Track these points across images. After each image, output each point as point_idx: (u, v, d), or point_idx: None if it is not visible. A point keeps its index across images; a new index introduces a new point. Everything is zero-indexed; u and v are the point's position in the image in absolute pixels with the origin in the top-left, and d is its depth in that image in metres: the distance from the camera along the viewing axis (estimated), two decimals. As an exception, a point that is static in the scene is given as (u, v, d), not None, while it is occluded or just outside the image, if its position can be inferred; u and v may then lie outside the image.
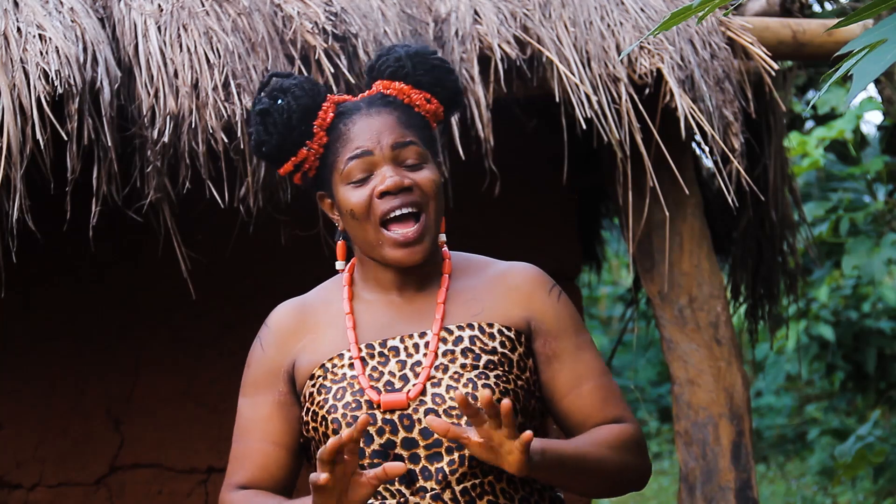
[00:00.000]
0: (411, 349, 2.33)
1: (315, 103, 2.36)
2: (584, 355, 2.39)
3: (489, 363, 2.30)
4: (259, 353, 2.46)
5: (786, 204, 4.95)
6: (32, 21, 3.73)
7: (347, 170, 2.33)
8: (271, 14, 3.97)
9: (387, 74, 2.39)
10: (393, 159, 2.32)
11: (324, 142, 2.36)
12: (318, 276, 3.09)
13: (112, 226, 3.89)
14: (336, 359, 2.35)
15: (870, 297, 8.63)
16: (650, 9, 4.28)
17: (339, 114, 2.37)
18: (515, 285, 2.39)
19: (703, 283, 4.47)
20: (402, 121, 2.34)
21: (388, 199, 2.31)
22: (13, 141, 3.56)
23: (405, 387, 2.30)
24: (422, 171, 2.34)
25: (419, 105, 2.38)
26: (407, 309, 2.37)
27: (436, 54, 2.41)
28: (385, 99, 2.37)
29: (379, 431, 2.28)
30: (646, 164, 4.19)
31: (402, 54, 2.38)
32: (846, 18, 1.73)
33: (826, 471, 9.43)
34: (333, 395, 2.32)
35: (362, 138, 2.33)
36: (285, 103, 2.35)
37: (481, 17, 4.17)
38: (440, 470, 2.27)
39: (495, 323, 2.35)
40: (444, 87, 2.39)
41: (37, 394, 4.76)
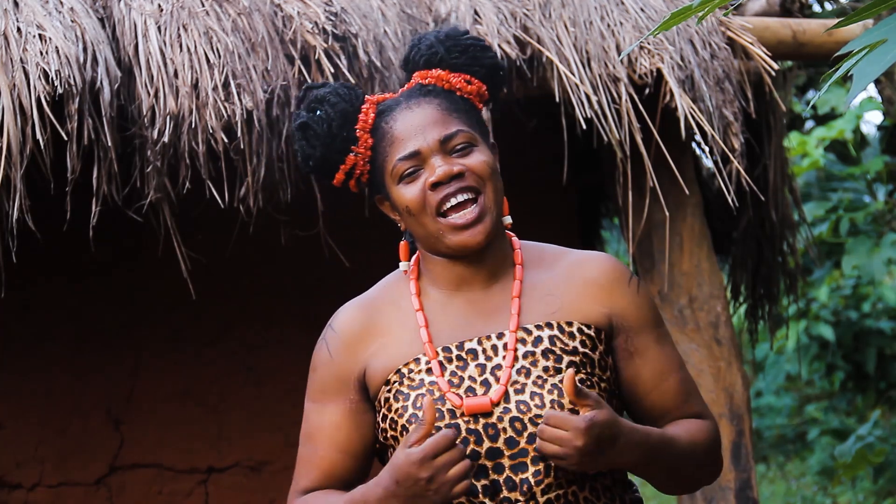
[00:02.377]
0: (490, 351, 2.26)
1: (353, 107, 2.31)
2: (665, 349, 2.34)
3: (570, 365, 2.24)
4: (326, 358, 2.36)
5: (786, 204, 4.95)
6: (32, 21, 3.73)
7: (397, 169, 2.28)
8: (271, 14, 3.97)
9: (422, 64, 2.34)
10: (441, 150, 2.27)
11: (369, 144, 2.31)
12: (318, 277, 3.12)
13: (112, 226, 3.89)
14: (412, 363, 2.28)
15: (870, 297, 8.64)
16: (650, 9, 4.28)
17: (379, 113, 2.32)
18: (594, 278, 2.32)
19: (703, 283, 4.47)
20: (444, 108, 2.29)
21: (440, 189, 2.25)
22: (13, 141, 3.56)
23: (488, 392, 2.23)
24: (472, 154, 2.27)
25: (460, 88, 2.33)
26: (481, 306, 2.31)
27: (468, 34, 2.36)
28: (424, 89, 2.32)
29: (463, 442, 2.21)
30: (646, 164, 4.19)
31: (433, 40, 2.34)
32: (846, 18, 1.73)
33: (826, 471, 9.43)
34: (413, 404, 2.25)
35: (407, 136, 2.27)
36: (323, 113, 2.30)
37: (481, 17, 4.17)
38: (525, 481, 2.21)
39: (574, 321, 2.28)
40: (481, 66, 2.34)
41: (37, 394, 4.76)
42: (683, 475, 2.34)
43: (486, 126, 2.37)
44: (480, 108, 2.36)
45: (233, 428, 4.94)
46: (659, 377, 2.32)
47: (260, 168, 3.83)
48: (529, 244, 2.39)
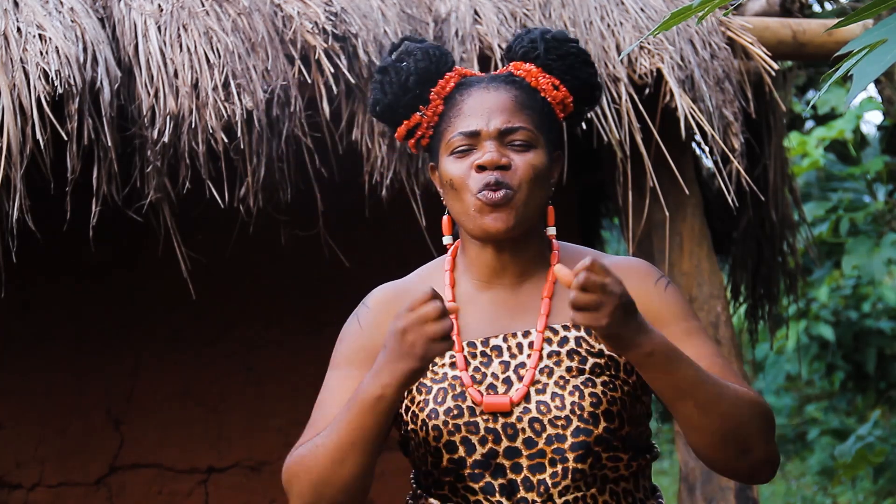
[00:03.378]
0: (514, 349, 2.26)
1: (437, 70, 2.32)
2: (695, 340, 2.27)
3: (595, 367, 2.23)
4: (356, 328, 2.35)
5: (786, 204, 4.95)
6: (32, 21, 3.73)
7: (453, 142, 2.28)
8: (271, 14, 3.97)
9: (520, 55, 2.34)
10: (498, 138, 2.27)
11: (439, 110, 2.32)
12: (319, 276, 3.11)
13: (112, 226, 3.89)
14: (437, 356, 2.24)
15: (870, 297, 8.64)
16: (650, 9, 4.28)
17: (459, 85, 2.32)
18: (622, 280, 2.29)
19: (703, 283, 4.47)
20: (518, 101, 2.29)
21: (484, 173, 2.24)
22: (13, 141, 3.56)
23: (509, 390, 2.22)
24: (527, 153, 2.27)
25: (545, 89, 2.32)
26: (511, 303, 2.31)
27: (575, 43, 2.35)
28: (510, 77, 2.32)
29: (482, 441, 2.21)
30: (646, 164, 4.19)
31: (537, 36, 2.34)
32: (846, 18, 1.73)
33: (826, 471, 9.43)
34: (434, 399, 2.25)
35: (473, 114, 2.28)
36: (406, 66, 2.31)
37: (481, 17, 4.17)
38: (542, 482, 2.20)
39: None
40: (575, 77, 2.33)
41: (37, 393, 4.76)
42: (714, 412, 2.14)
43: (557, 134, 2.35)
44: (560, 116, 2.35)
45: (233, 428, 4.94)
46: None
47: (260, 168, 3.83)
48: (569, 247, 2.40)
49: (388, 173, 3.98)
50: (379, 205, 4.08)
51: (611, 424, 2.21)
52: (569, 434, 2.19)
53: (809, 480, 9.71)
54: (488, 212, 2.25)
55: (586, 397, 2.20)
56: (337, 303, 4.92)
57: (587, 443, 2.19)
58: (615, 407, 2.21)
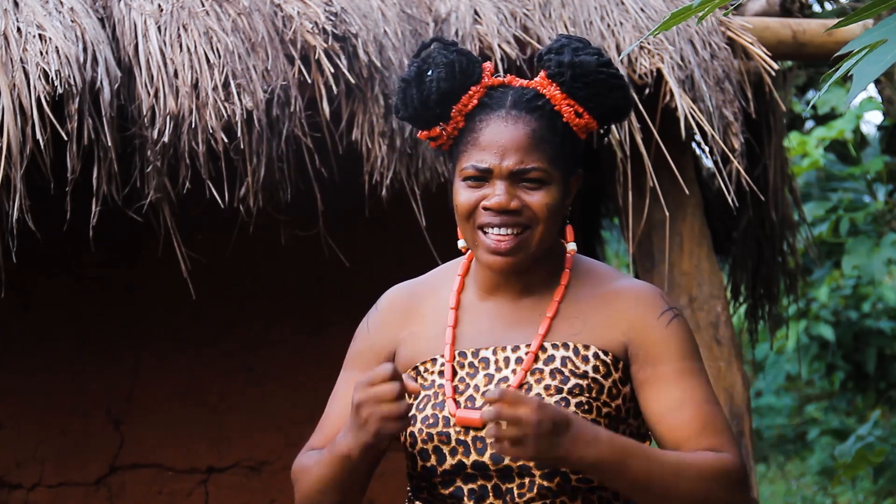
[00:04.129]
0: (501, 363, 2.26)
1: (462, 87, 2.28)
2: (686, 382, 2.24)
3: (575, 387, 2.22)
4: (365, 331, 2.39)
5: (786, 204, 4.95)
6: (32, 21, 3.73)
7: (466, 171, 2.26)
8: (271, 14, 3.97)
9: (548, 73, 2.30)
10: (510, 178, 2.24)
11: (460, 126, 2.29)
12: (319, 276, 3.11)
13: (112, 226, 3.89)
14: (429, 363, 2.29)
15: (870, 297, 8.64)
16: (650, 9, 4.28)
17: (482, 104, 2.28)
18: (623, 308, 2.29)
19: (703, 283, 4.47)
20: (536, 136, 2.25)
21: (490, 213, 2.24)
22: (13, 141, 3.56)
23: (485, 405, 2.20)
24: (539, 192, 2.25)
25: (567, 117, 2.29)
26: (511, 316, 2.31)
27: (604, 67, 2.30)
28: (533, 102, 2.27)
29: (452, 452, 2.22)
30: (646, 164, 4.20)
31: (567, 60, 2.29)
32: (846, 18, 1.73)
33: (826, 471, 9.43)
34: (417, 406, 2.27)
35: (488, 148, 2.25)
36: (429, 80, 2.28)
37: (481, 17, 4.17)
38: (510, 491, 2.21)
39: (592, 345, 2.26)
40: (599, 104, 2.30)
41: (37, 393, 4.76)
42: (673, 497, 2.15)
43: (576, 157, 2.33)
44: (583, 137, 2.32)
45: (233, 428, 4.93)
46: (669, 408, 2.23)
47: (260, 168, 3.83)
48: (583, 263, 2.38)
49: (388, 173, 3.98)
50: (379, 205, 4.08)
51: None
52: None
53: (809, 480, 9.71)
54: (492, 253, 2.25)
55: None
56: (337, 303, 4.93)
57: None
58: None
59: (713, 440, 2.22)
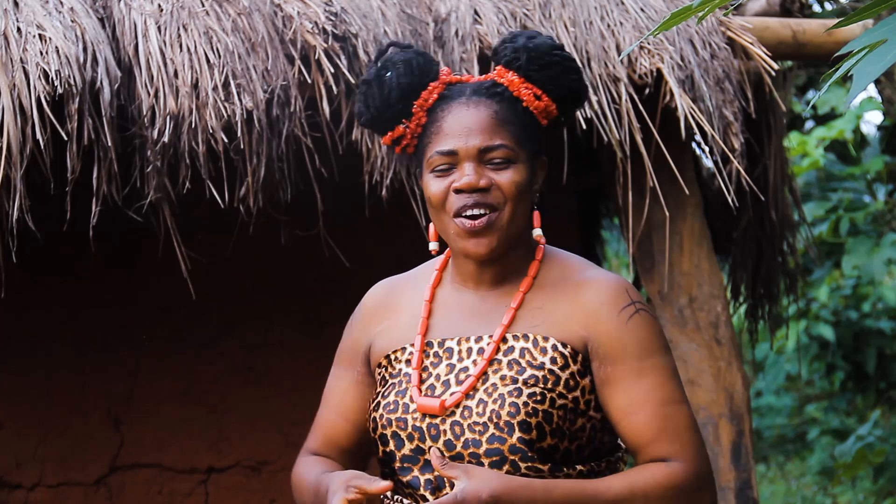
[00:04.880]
0: (464, 353, 2.30)
1: (421, 83, 2.32)
2: (645, 382, 2.25)
3: (530, 378, 2.24)
4: (348, 329, 2.47)
5: (786, 204, 4.95)
6: (32, 21, 3.73)
7: (432, 160, 2.30)
8: (271, 14, 3.97)
9: (503, 62, 2.35)
10: (477, 157, 2.28)
11: (422, 122, 2.33)
12: (319, 276, 3.10)
13: (112, 226, 3.89)
14: (399, 351, 2.35)
15: (870, 297, 8.64)
16: (650, 9, 4.28)
17: (442, 96, 2.33)
18: (585, 301, 2.30)
19: (703, 283, 4.47)
20: (498, 117, 2.29)
21: (462, 196, 2.27)
22: (13, 141, 3.56)
23: (445, 392, 2.27)
24: (506, 171, 2.28)
25: (527, 100, 2.32)
26: (479, 307, 2.34)
27: (559, 50, 2.34)
28: (492, 89, 2.32)
29: (409, 437, 2.28)
30: (646, 164, 4.20)
31: (520, 45, 2.34)
32: (846, 18, 1.73)
33: (826, 471, 9.43)
34: (383, 393, 2.33)
35: (452, 133, 2.29)
36: (389, 79, 2.32)
37: (481, 17, 4.17)
38: None
39: (551, 337, 2.28)
40: (557, 86, 2.33)
41: (37, 394, 4.76)
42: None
43: (540, 141, 2.36)
44: (544, 123, 2.35)
45: (233, 428, 4.93)
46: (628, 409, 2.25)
47: (260, 168, 3.83)
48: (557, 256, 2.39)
49: (388, 173, 3.98)
50: (379, 205, 4.08)
51: (525, 435, 2.21)
52: (484, 440, 2.23)
53: (809, 480, 9.71)
54: (468, 237, 2.28)
55: (506, 406, 2.23)
56: (337, 303, 4.93)
57: (500, 450, 2.22)
58: (534, 419, 2.22)
59: (668, 446, 2.23)
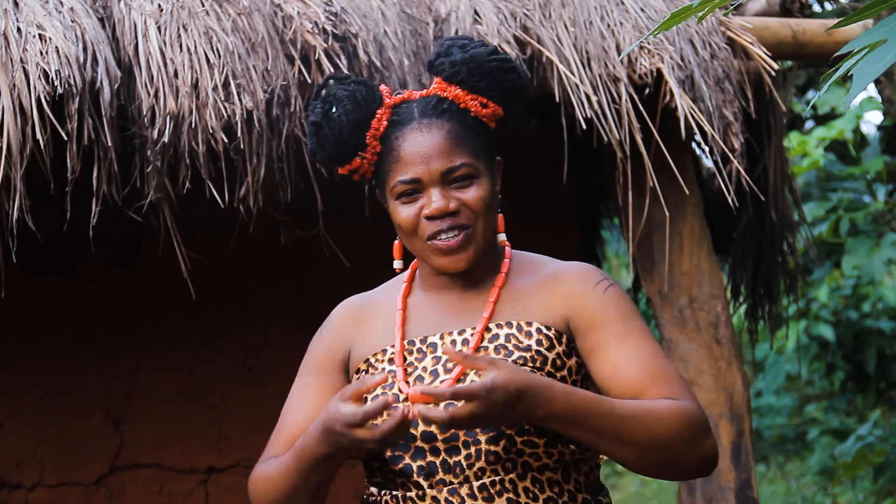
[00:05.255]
0: (448, 346, 2.33)
1: (368, 113, 2.36)
2: (631, 340, 2.31)
3: (519, 359, 2.30)
4: (319, 338, 2.52)
5: (786, 204, 4.95)
6: (32, 21, 3.73)
7: (397, 188, 2.35)
8: (271, 14, 3.97)
9: (444, 77, 2.38)
10: (441, 181, 2.33)
11: (377, 150, 2.37)
12: (319, 276, 3.10)
13: (112, 226, 3.89)
14: (379, 354, 2.40)
15: (870, 297, 8.64)
16: (650, 9, 4.28)
17: (392, 123, 2.36)
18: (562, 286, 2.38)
19: (703, 283, 4.47)
20: (453, 136, 2.34)
21: (434, 222, 2.33)
22: (13, 141, 3.56)
23: (433, 382, 2.32)
24: (471, 188, 2.34)
25: (475, 110, 2.37)
26: (457, 307, 2.41)
27: (494, 55, 2.38)
28: (439, 107, 2.36)
29: None
30: (646, 164, 4.19)
31: (458, 59, 2.37)
32: (846, 18, 1.73)
33: (826, 471, 9.43)
34: None
35: (411, 161, 2.33)
36: (337, 115, 2.35)
37: (481, 17, 4.17)
38: (458, 463, 2.28)
39: (534, 322, 2.34)
40: (500, 90, 2.37)
41: (37, 394, 4.76)
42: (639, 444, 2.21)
43: (493, 145, 2.41)
44: (493, 126, 2.40)
45: (233, 428, 4.94)
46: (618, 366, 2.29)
47: (260, 168, 3.83)
48: (520, 255, 2.47)
49: (388, 173, 3.97)
50: (379, 205, 4.07)
51: None
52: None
53: (809, 480, 9.71)
54: (445, 255, 2.35)
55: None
56: (337, 303, 4.92)
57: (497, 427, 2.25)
58: None
59: (667, 389, 2.27)
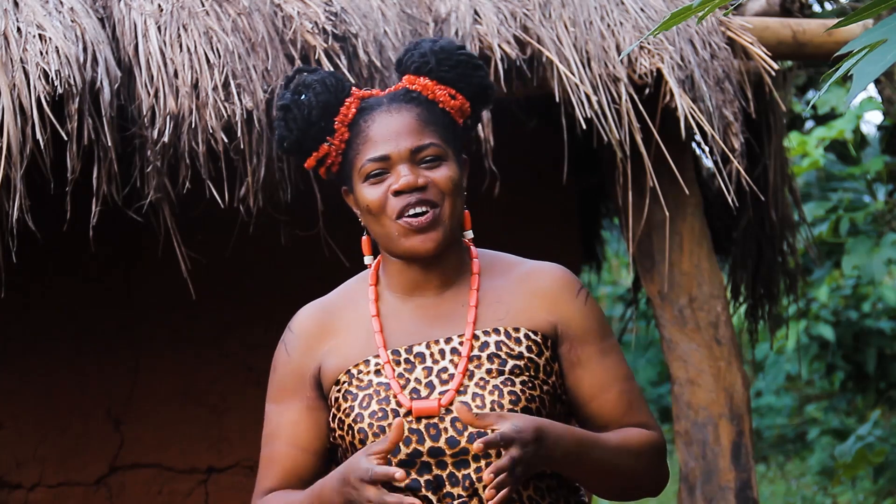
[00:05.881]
0: (437, 355, 2.32)
1: (338, 99, 2.37)
2: (610, 360, 2.38)
3: (515, 368, 2.30)
4: (284, 357, 2.43)
5: (786, 204, 4.95)
6: (32, 21, 3.73)
7: (365, 168, 2.34)
8: (271, 14, 3.97)
9: (412, 69, 2.39)
10: (410, 158, 2.33)
11: (345, 137, 2.37)
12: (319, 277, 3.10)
13: (112, 226, 3.89)
14: (362, 364, 2.34)
15: (870, 297, 8.63)
16: (650, 9, 4.28)
17: (361, 110, 2.37)
18: (542, 288, 2.38)
19: (703, 283, 4.47)
20: (422, 119, 2.34)
21: (402, 197, 2.32)
22: (13, 141, 3.56)
23: (431, 394, 2.29)
24: (439, 168, 2.34)
25: (443, 101, 2.37)
26: (432, 311, 2.37)
27: (462, 49, 2.41)
28: (408, 95, 2.37)
29: (406, 441, 2.27)
30: (646, 164, 4.19)
31: (426, 49, 2.38)
32: (846, 18, 1.73)
33: (826, 471, 9.43)
34: (360, 404, 2.31)
35: (381, 139, 2.33)
36: (306, 99, 2.36)
37: (481, 17, 4.17)
38: (467, 477, 2.26)
39: (521, 327, 2.34)
40: (468, 84, 2.39)
41: (37, 394, 4.76)
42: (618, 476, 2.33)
43: (461, 141, 2.42)
44: (460, 122, 2.41)
45: (233, 428, 4.93)
46: (599, 388, 2.36)
47: (260, 168, 3.83)
48: (484, 253, 2.45)
49: (388, 173, 3.97)
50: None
51: None
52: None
53: (809, 480, 9.71)
54: (414, 234, 2.32)
55: (505, 395, 2.27)
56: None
57: None
58: (534, 405, 2.29)
59: (640, 417, 2.38)
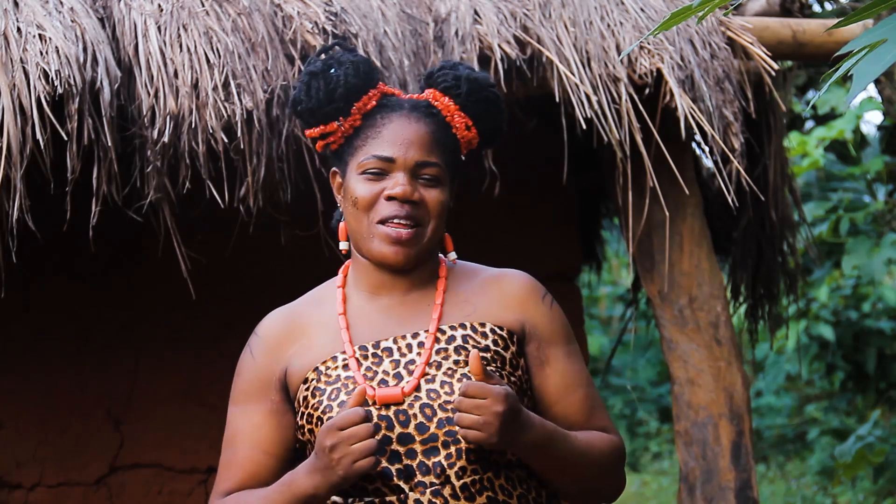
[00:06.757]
0: (404, 349, 2.35)
1: (364, 87, 2.39)
2: (574, 364, 2.44)
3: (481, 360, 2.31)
4: (250, 361, 2.47)
5: (786, 204, 4.95)
6: (32, 21, 3.73)
7: (366, 163, 2.36)
8: (271, 14, 3.97)
9: (441, 87, 2.42)
10: (412, 171, 2.35)
11: (357, 124, 2.39)
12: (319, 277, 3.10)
13: (112, 226, 3.89)
14: (329, 361, 2.37)
15: (870, 297, 8.63)
16: (650, 9, 4.28)
17: (381, 105, 2.40)
18: (509, 291, 2.43)
19: (703, 283, 4.47)
20: (435, 136, 2.38)
21: (393, 204, 2.34)
22: (13, 141, 3.56)
23: (399, 384, 2.32)
24: (434, 189, 2.37)
25: (458, 128, 2.41)
26: (398, 311, 2.40)
27: (493, 88, 2.44)
28: (429, 109, 2.40)
29: (375, 427, 2.29)
30: (646, 164, 4.20)
31: (462, 74, 2.41)
32: (846, 18, 1.73)
33: (826, 471, 9.43)
34: (328, 396, 2.34)
35: (392, 141, 2.36)
36: (335, 75, 2.37)
37: (481, 17, 4.17)
38: (438, 464, 2.29)
39: (487, 322, 2.38)
40: (487, 121, 2.43)
41: (37, 394, 4.76)
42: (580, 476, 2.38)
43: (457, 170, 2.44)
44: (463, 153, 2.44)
45: (233, 428, 4.93)
46: (565, 390, 2.42)
47: (260, 168, 3.83)
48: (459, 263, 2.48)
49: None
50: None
51: None
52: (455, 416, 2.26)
53: (809, 480, 9.71)
54: (391, 244, 2.35)
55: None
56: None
57: None
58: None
59: (602, 421, 2.45)
